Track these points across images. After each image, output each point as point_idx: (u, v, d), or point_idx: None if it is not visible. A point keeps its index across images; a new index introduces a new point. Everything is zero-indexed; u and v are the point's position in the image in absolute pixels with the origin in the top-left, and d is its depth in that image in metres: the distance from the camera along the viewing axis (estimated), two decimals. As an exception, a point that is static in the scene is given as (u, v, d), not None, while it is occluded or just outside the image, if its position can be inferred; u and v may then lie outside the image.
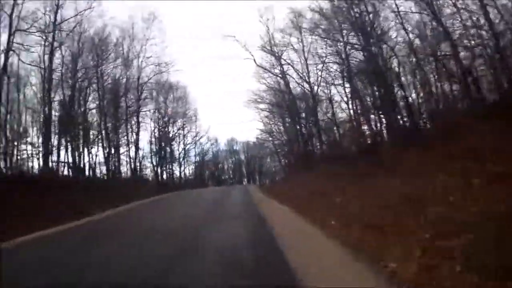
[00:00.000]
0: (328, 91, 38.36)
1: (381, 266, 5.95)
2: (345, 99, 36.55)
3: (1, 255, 7.50)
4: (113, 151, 43.20)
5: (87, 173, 38.90)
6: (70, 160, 36.40)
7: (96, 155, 41.05)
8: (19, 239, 11.31)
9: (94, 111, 41.47)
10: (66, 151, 36.29)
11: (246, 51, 43.78)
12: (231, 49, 64.10)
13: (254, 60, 43.63)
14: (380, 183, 14.74)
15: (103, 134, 41.87)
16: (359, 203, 12.19)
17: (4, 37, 27.68)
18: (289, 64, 42.16)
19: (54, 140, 34.80)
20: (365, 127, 29.89)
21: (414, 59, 25.91)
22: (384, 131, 27.45)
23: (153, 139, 53.65)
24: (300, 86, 42.28)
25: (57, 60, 34.89)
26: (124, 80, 44.53)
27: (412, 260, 5.77)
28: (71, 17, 34.03)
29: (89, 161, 39.30)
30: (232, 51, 53.30)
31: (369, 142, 27.20)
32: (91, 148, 39.83)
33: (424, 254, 5.92)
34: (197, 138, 64.51)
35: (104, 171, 41.86)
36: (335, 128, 37.88)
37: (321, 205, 14.13)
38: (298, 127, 43.70)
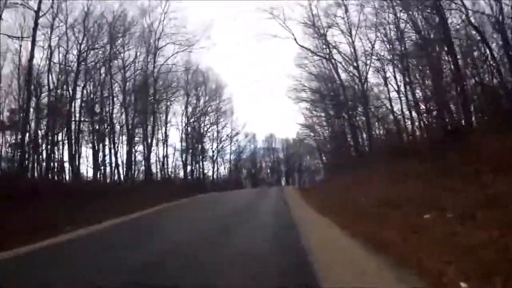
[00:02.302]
0: (383, 72, 32.15)
1: None
2: (396, 85, 30.58)
3: None
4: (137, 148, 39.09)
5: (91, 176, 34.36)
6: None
7: (111, 155, 36.45)
8: None
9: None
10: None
11: (286, 30, 37.40)
12: (269, 28, 56.54)
13: (295, 39, 37.17)
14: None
15: (123, 130, 37.28)
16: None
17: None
18: (334, 47, 36.31)
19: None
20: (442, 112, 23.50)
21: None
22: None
23: (183, 135, 49.23)
24: (347, 71, 36.28)
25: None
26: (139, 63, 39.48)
27: None
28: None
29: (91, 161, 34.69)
30: (271, 30, 46.50)
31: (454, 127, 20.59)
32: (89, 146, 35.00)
33: None
34: (233, 134, 59.08)
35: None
36: (392, 117, 31.65)
37: (406, 228, 8.38)
38: (347, 117, 37.51)
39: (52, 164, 30.43)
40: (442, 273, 5.30)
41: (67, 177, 31.24)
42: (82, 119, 33.88)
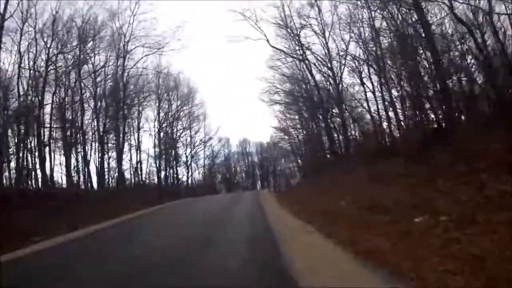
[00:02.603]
0: (358, 73, 31.53)
1: None
2: (371, 85, 30.34)
3: None
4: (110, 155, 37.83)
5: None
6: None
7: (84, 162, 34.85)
8: None
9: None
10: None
11: (258, 31, 36.48)
12: (242, 30, 54.71)
13: (268, 41, 36.34)
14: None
15: (95, 136, 36.13)
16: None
17: None
18: (307, 48, 35.57)
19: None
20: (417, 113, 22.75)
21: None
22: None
23: (156, 141, 48.08)
24: (322, 72, 35.63)
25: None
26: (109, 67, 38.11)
27: None
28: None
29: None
30: (243, 32, 44.29)
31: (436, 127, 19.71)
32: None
33: None
34: (206, 139, 57.98)
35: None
36: (369, 117, 30.97)
37: (394, 234, 7.62)
38: (322, 118, 36.80)
39: (24, 172, 29.10)
40: (447, 286, 4.57)
41: (39, 185, 29.69)
42: (53, 125, 32.63)
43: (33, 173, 29.83)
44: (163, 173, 49.15)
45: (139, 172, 44.73)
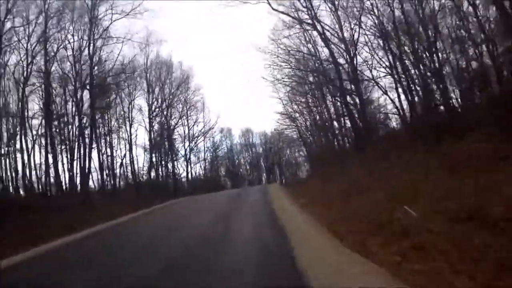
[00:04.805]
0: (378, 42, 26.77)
1: None
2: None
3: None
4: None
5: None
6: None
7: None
8: None
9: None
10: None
11: None
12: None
13: (269, 3, 29.47)
14: None
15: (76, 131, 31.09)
16: None
17: None
18: (315, 17, 29.85)
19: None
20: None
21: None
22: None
23: (151, 135, 43.61)
24: (333, 44, 30.04)
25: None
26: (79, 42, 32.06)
27: None
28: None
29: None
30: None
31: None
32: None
33: None
34: (206, 129, 53.63)
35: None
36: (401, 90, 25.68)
37: None
38: (340, 97, 31.15)
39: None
40: None
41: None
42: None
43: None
44: (160, 169, 45.45)
45: (128, 170, 40.95)
